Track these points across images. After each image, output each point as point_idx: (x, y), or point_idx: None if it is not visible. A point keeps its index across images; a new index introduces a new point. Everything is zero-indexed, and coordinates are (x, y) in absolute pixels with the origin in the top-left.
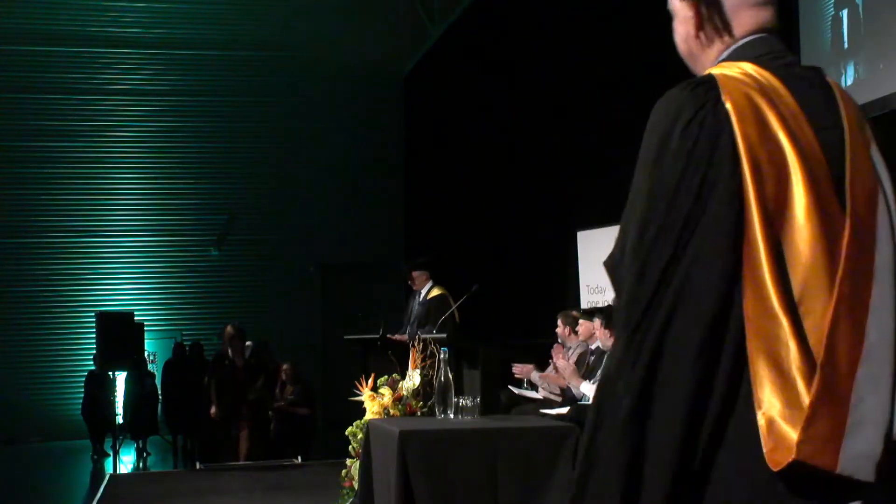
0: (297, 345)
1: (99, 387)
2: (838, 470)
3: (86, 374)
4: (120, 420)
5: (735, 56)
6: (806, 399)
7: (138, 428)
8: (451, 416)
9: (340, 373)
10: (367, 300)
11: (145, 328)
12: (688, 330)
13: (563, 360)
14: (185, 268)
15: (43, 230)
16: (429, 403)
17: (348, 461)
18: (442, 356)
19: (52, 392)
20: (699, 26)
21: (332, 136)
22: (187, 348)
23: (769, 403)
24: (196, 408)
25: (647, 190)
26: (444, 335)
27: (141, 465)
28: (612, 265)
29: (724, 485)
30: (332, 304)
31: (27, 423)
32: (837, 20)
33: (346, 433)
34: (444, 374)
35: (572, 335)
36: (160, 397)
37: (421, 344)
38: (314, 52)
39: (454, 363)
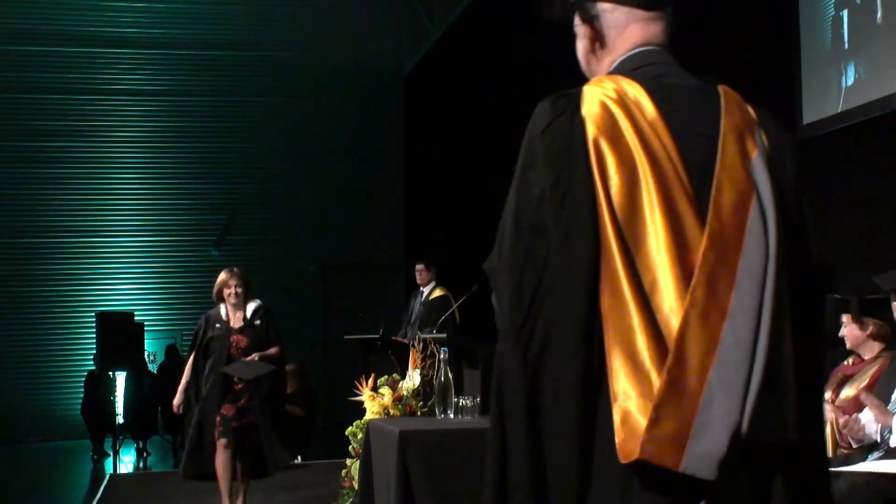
0: (298, 345)
1: (99, 387)
2: (681, 469)
3: (86, 374)
4: (120, 420)
5: (617, 69)
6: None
7: (138, 428)
8: (451, 416)
9: (340, 373)
10: (367, 300)
11: (145, 328)
12: (565, 326)
13: None
14: (185, 268)
15: (43, 230)
16: (429, 403)
17: (348, 461)
18: (442, 356)
19: (52, 392)
20: (593, 43)
21: (332, 135)
22: (183, 349)
23: (624, 395)
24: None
25: (515, 194)
26: (444, 335)
27: (141, 465)
28: (491, 268)
29: (600, 476)
30: (332, 304)
31: (27, 423)
32: (837, 20)
33: (346, 433)
34: (444, 374)
35: None
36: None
37: (421, 344)
38: (314, 52)
39: (454, 363)
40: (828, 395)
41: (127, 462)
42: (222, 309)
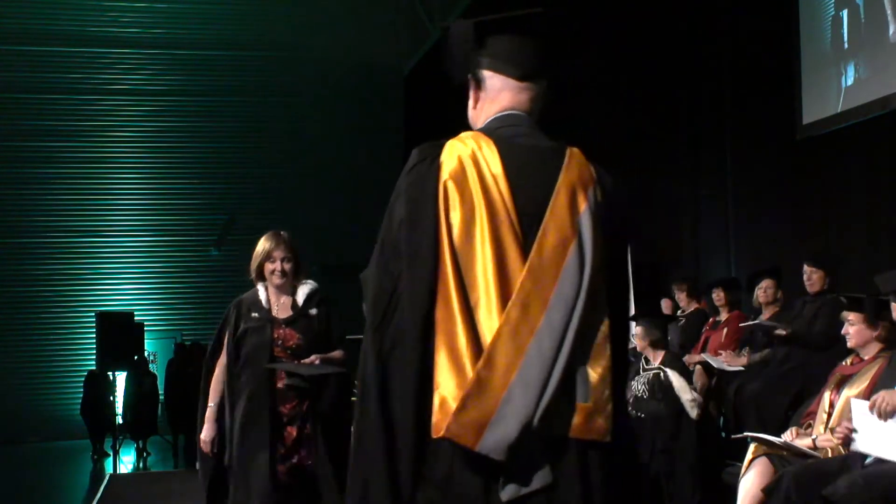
0: None
1: (99, 387)
2: (476, 449)
3: (86, 374)
4: (120, 420)
5: (484, 126)
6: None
7: (138, 428)
8: None
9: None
10: None
11: (145, 328)
12: (409, 327)
13: None
14: (185, 268)
15: (43, 230)
16: None
17: None
18: None
19: (52, 392)
20: (476, 101)
21: (333, 135)
22: (188, 348)
23: (444, 385)
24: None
25: (386, 220)
26: None
27: (141, 465)
28: (364, 278)
29: (432, 445)
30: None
31: (27, 423)
32: (837, 20)
33: None
34: None
35: None
36: (161, 397)
37: None
38: (314, 51)
39: None
40: (828, 394)
41: (127, 462)
42: (261, 292)
